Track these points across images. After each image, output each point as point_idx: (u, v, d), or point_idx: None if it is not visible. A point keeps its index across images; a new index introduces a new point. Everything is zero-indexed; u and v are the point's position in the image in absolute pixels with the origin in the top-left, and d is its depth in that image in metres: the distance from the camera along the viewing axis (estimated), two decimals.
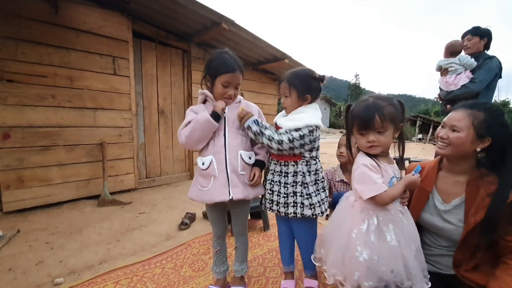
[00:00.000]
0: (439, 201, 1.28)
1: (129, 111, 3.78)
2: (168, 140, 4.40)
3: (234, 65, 1.41)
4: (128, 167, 3.81)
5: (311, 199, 1.41)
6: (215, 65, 1.43)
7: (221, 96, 1.44)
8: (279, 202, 1.45)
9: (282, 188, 1.44)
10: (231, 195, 1.37)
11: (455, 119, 1.19)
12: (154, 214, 2.96)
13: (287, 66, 5.30)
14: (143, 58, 4.05)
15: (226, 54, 1.46)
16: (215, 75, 1.42)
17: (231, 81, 1.41)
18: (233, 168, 1.39)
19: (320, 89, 1.51)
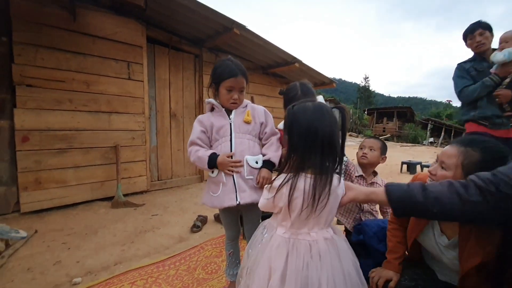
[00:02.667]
0: (438, 232, 1.16)
1: (142, 114, 3.86)
2: (179, 143, 4.46)
3: (236, 70, 1.43)
4: (140, 170, 3.87)
5: None
6: (218, 72, 1.46)
7: (227, 102, 1.46)
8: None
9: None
10: (238, 200, 1.39)
11: (446, 155, 1.07)
12: (166, 216, 3.00)
13: (297, 70, 5.32)
14: (156, 63, 4.13)
15: (229, 61, 1.48)
16: (219, 82, 1.46)
17: (234, 85, 1.43)
18: (240, 174, 1.41)
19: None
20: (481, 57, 2.28)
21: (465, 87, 2.28)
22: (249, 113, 1.50)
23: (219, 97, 1.49)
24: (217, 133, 1.47)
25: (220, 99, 1.50)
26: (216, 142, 1.48)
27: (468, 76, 2.30)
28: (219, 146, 1.46)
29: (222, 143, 1.46)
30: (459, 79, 2.35)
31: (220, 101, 1.50)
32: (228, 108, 1.50)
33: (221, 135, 1.47)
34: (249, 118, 1.49)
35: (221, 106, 1.49)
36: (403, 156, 9.94)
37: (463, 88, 2.30)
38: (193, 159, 1.44)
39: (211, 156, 1.39)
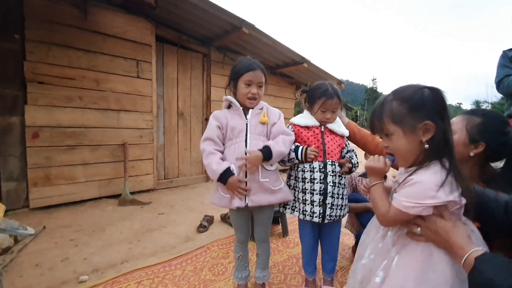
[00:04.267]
0: None
1: (150, 113, 3.87)
2: (186, 142, 4.47)
3: (254, 65, 1.44)
4: (148, 168, 3.89)
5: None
6: (237, 68, 1.47)
7: (245, 96, 1.44)
8: (340, 205, 1.49)
9: (341, 189, 1.50)
10: (247, 202, 1.38)
11: (453, 122, 1.18)
12: (173, 215, 3.00)
13: (306, 70, 5.28)
14: (165, 61, 4.14)
15: (246, 59, 1.50)
16: (238, 77, 1.45)
17: (252, 79, 1.42)
18: (253, 176, 1.39)
19: None
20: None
21: (506, 77, 2.07)
22: (265, 114, 1.48)
23: (238, 93, 1.48)
24: (231, 132, 1.45)
25: (238, 95, 1.48)
26: (230, 141, 1.46)
27: (511, 65, 2.10)
28: (232, 146, 1.44)
29: (237, 143, 1.44)
30: (501, 68, 2.14)
31: (238, 97, 1.48)
32: (245, 105, 1.48)
33: (236, 135, 1.44)
34: (265, 119, 1.47)
35: (239, 105, 1.47)
36: None
37: (503, 78, 2.09)
38: (205, 162, 1.41)
39: (225, 172, 1.35)
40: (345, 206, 1.51)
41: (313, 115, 1.54)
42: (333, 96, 1.48)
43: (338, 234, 1.59)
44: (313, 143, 1.50)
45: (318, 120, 1.53)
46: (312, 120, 1.54)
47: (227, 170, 1.35)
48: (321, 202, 1.43)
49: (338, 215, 1.47)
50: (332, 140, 1.52)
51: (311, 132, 1.53)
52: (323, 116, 1.51)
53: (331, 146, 1.51)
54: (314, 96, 1.52)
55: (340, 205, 1.47)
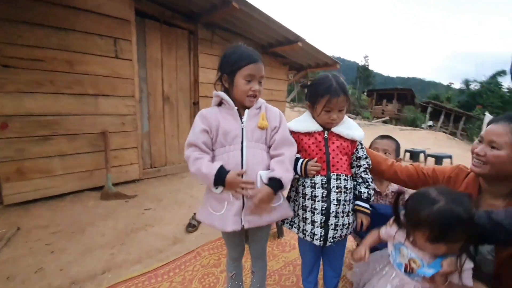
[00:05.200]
0: None
1: (132, 97, 3.56)
2: (173, 128, 4.20)
3: (255, 55, 1.19)
4: (132, 157, 3.64)
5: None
6: (233, 59, 1.20)
7: (244, 95, 1.20)
8: (346, 224, 1.29)
9: (347, 206, 1.28)
10: (243, 223, 1.18)
11: (495, 134, 1.02)
12: (160, 211, 2.83)
13: (300, 49, 4.98)
14: (147, 40, 3.75)
15: (242, 47, 1.23)
16: (235, 71, 1.19)
17: (254, 73, 1.17)
18: (252, 193, 1.17)
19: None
20: None
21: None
22: (264, 117, 1.24)
23: (235, 90, 1.22)
24: (224, 137, 1.20)
25: (235, 92, 1.22)
26: (222, 149, 1.21)
27: None
28: (225, 155, 1.20)
29: (230, 152, 1.20)
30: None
31: (234, 95, 1.23)
32: (242, 104, 1.23)
33: (230, 141, 1.20)
34: (264, 123, 1.23)
35: (234, 104, 1.23)
36: (404, 142, 9.56)
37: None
38: (193, 170, 1.17)
39: (219, 172, 1.13)
40: (352, 224, 1.31)
41: (316, 117, 1.30)
42: (339, 93, 1.21)
43: (343, 250, 1.43)
44: (315, 152, 1.27)
45: (322, 122, 1.29)
46: (313, 124, 1.30)
47: (221, 169, 1.13)
48: (322, 223, 1.24)
49: (343, 235, 1.29)
50: (338, 148, 1.27)
51: (312, 139, 1.29)
52: (328, 117, 1.25)
53: (337, 156, 1.26)
54: (316, 93, 1.27)
55: (346, 224, 1.28)
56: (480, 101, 22.74)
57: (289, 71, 6.17)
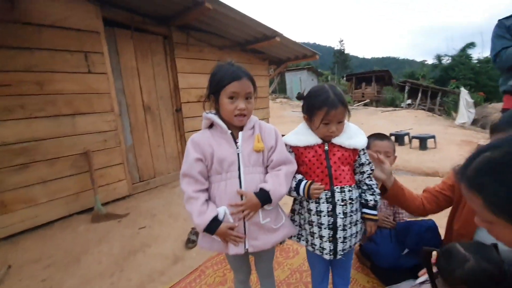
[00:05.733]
0: None
1: (111, 112, 3.41)
2: (158, 138, 4.08)
3: (239, 72, 1.14)
4: (119, 174, 3.52)
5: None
6: (217, 79, 1.15)
7: (231, 114, 1.15)
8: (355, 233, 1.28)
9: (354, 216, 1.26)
10: (247, 247, 1.17)
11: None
12: (155, 228, 2.76)
13: (278, 44, 4.91)
14: (119, 49, 3.58)
15: (229, 65, 1.18)
16: (219, 90, 1.15)
17: (238, 90, 1.12)
18: (253, 220, 1.16)
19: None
20: None
21: (504, 49, 1.90)
22: (259, 138, 1.20)
23: (221, 110, 1.18)
24: (219, 164, 1.16)
25: (222, 112, 1.18)
26: (218, 177, 1.17)
27: (508, 35, 1.93)
28: (222, 183, 1.16)
29: (228, 179, 1.16)
30: (497, 39, 1.96)
31: (222, 115, 1.19)
32: (233, 124, 1.19)
33: (226, 169, 1.16)
34: (260, 145, 1.19)
35: (227, 127, 1.19)
36: (387, 124, 9.81)
37: (501, 51, 1.91)
38: (187, 208, 1.15)
39: (210, 225, 1.10)
40: (359, 231, 1.31)
41: (314, 130, 1.26)
42: (337, 104, 1.17)
43: (351, 257, 1.43)
44: (316, 166, 1.24)
45: (321, 136, 1.25)
46: (312, 137, 1.26)
47: (213, 221, 1.11)
48: (330, 238, 1.23)
49: (352, 245, 1.29)
50: (339, 160, 1.23)
51: (312, 152, 1.26)
52: (327, 129, 1.21)
53: (339, 168, 1.23)
54: (313, 106, 1.23)
55: (354, 233, 1.27)
56: (452, 74, 23.47)
57: (269, 65, 6.11)
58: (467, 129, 9.25)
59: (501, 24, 1.96)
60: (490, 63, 24.39)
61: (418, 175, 4.19)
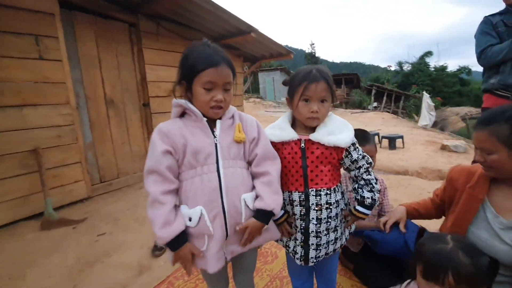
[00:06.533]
0: (493, 214, 1.10)
1: (67, 104, 3.04)
2: (123, 134, 3.74)
3: (216, 57, 0.97)
4: (76, 174, 3.15)
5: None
6: (190, 63, 0.97)
7: (206, 106, 0.99)
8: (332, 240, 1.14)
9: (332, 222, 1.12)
10: (225, 255, 1.02)
11: (481, 141, 1.05)
12: (118, 234, 2.48)
13: (253, 40, 4.80)
14: (77, 35, 3.22)
15: (204, 46, 0.99)
16: (192, 77, 0.97)
17: (215, 80, 0.96)
18: (235, 221, 1.00)
19: None
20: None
21: (489, 47, 1.89)
22: (240, 128, 1.05)
23: (194, 100, 1.01)
24: (194, 157, 0.98)
25: (196, 103, 1.01)
26: (192, 171, 0.99)
27: (494, 33, 1.91)
28: (197, 178, 0.98)
29: (204, 174, 0.98)
30: (482, 36, 1.94)
31: (196, 105, 1.01)
32: (208, 116, 1.02)
33: (202, 162, 0.99)
34: (242, 136, 1.03)
35: (201, 114, 1.01)
36: (357, 125, 9.97)
37: (486, 48, 1.89)
38: (148, 214, 0.95)
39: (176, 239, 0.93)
40: (340, 238, 1.18)
41: (295, 113, 1.13)
42: (318, 78, 1.04)
43: (335, 262, 1.32)
44: (291, 165, 1.10)
45: (302, 119, 1.10)
46: (288, 132, 1.12)
47: (179, 236, 0.94)
48: (302, 242, 1.12)
49: (329, 252, 1.14)
50: (318, 159, 1.07)
51: (289, 148, 1.11)
52: (308, 109, 1.06)
53: (316, 169, 1.08)
54: (294, 83, 1.10)
55: (332, 240, 1.13)
56: (412, 80, 25.20)
57: (244, 62, 5.97)
58: (429, 131, 9.83)
59: (487, 21, 1.96)
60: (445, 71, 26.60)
61: (389, 174, 4.31)
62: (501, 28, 1.88)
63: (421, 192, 3.23)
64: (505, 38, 1.85)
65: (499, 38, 1.89)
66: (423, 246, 0.99)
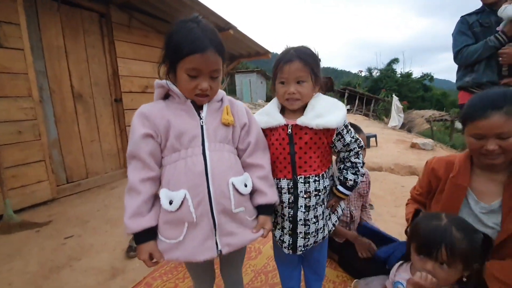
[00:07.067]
0: (474, 200, 1.14)
1: (29, 97, 2.77)
2: (92, 132, 3.50)
3: (204, 40, 0.87)
4: (39, 173, 2.88)
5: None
6: (175, 43, 0.89)
7: (190, 93, 0.92)
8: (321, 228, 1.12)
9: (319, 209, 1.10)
10: (220, 248, 0.93)
11: (498, 126, 0.98)
12: (87, 236, 2.28)
13: (231, 37, 4.72)
14: (41, 23, 2.96)
15: (193, 23, 0.90)
16: (176, 60, 0.89)
17: (201, 67, 0.88)
18: (223, 208, 0.92)
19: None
20: (490, 10, 1.90)
21: (465, 47, 1.94)
22: (228, 110, 0.99)
23: (178, 85, 0.94)
24: (177, 140, 0.92)
25: (180, 88, 0.94)
26: (176, 155, 0.93)
27: (470, 33, 1.96)
28: (181, 162, 0.91)
29: (188, 157, 0.91)
30: (459, 36, 1.98)
31: (180, 90, 0.94)
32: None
33: (186, 144, 0.92)
34: (230, 118, 0.98)
35: (184, 96, 0.94)
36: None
37: (463, 48, 1.95)
38: (125, 200, 0.92)
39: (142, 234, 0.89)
40: (326, 226, 1.14)
41: (277, 98, 1.11)
42: (293, 59, 1.00)
43: (324, 251, 1.29)
44: (279, 151, 1.07)
45: (282, 102, 1.08)
46: (275, 117, 1.08)
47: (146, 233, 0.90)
48: (290, 231, 1.09)
49: (318, 240, 1.12)
50: (307, 145, 1.03)
51: (276, 134, 1.07)
52: (285, 91, 1.04)
53: (305, 155, 1.04)
54: (273, 68, 1.08)
55: (320, 228, 1.11)
56: (381, 85, 26.60)
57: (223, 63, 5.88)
58: (398, 131, 10.37)
59: (464, 21, 2.02)
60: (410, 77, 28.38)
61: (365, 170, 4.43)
62: (477, 28, 1.94)
63: (395, 186, 3.36)
64: (481, 38, 1.90)
65: (475, 38, 1.95)
66: (418, 225, 1.00)
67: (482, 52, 1.87)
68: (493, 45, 1.82)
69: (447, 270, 0.91)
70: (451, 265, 0.90)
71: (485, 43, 1.86)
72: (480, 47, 1.88)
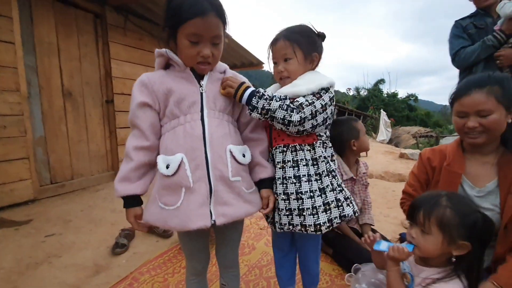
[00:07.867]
0: (469, 186, 1.15)
1: (16, 92, 2.68)
2: (80, 131, 3.39)
3: (204, 3, 0.84)
4: (20, 171, 2.73)
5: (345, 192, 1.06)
6: (174, 8, 0.87)
7: (192, 60, 0.90)
8: (309, 209, 0.97)
9: (307, 184, 0.98)
10: (214, 218, 0.87)
11: (479, 103, 1.04)
12: (69, 235, 2.15)
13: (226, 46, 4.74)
14: (34, 18, 2.92)
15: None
16: (175, 25, 0.87)
17: (201, 32, 0.86)
18: (221, 174, 0.88)
19: (323, 49, 1.12)
20: (484, 12, 1.89)
21: (462, 49, 1.91)
22: (229, 79, 0.99)
23: (178, 52, 0.92)
24: (177, 106, 0.91)
25: (180, 55, 0.92)
26: (175, 121, 0.91)
27: (465, 35, 1.94)
28: (180, 128, 0.90)
29: (187, 123, 0.90)
30: (455, 39, 1.97)
31: (181, 58, 0.92)
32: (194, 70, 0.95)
33: (185, 110, 0.91)
34: (229, 89, 0.97)
35: (184, 64, 0.93)
36: None
37: (459, 50, 1.91)
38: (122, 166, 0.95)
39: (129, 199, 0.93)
40: (317, 210, 0.97)
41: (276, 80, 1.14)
42: (279, 37, 1.05)
43: (316, 246, 1.20)
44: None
45: (278, 82, 1.12)
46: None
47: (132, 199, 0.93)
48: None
49: (301, 224, 0.98)
50: None
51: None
52: (277, 70, 1.08)
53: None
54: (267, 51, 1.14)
55: (306, 207, 0.97)
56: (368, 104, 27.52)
57: None
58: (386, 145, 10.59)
59: (458, 25, 2.02)
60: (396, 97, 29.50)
61: None
62: (472, 30, 1.93)
63: (386, 191, 3.39)
64: (476, 39, 1.89)
65: (471, 40, 1.94)
66: (418, 199, 1.00)
67: (480, 52, 1.83)
68: (492, 44, 1.77)
69: (426, 237, 0.89)
70: (429, 232, 0.88)
71: (482, 42, 1.82)
72: (478, 47, 1.84)
